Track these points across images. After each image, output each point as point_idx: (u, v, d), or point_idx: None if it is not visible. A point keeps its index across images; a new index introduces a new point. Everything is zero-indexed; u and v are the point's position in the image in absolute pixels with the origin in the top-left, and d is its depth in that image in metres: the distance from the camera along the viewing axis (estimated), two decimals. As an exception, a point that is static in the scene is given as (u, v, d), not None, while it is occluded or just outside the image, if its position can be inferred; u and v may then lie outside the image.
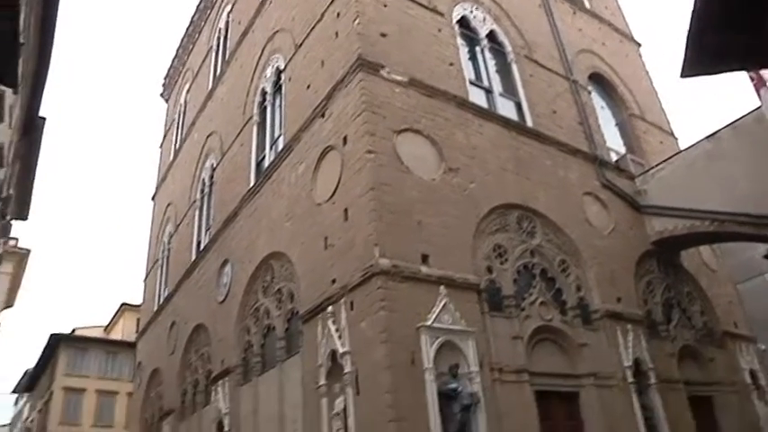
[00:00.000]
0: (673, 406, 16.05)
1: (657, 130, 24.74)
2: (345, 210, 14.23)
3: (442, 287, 13.02)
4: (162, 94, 39.18)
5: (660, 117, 25.66)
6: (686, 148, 19.96)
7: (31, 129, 27.99)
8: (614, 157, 21.03)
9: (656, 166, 20.38)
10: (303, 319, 15.17)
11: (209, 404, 20.48)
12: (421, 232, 13.62)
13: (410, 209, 13.73)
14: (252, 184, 20.64)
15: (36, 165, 31.75)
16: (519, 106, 18.99)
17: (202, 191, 27.14)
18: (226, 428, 18.46)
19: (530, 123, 18.52)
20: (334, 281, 14.07)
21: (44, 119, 28.48)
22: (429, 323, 12.44)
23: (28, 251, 46.62)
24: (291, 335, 16.31)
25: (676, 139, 25.24)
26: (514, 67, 19.85)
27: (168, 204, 32.32)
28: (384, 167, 13.88)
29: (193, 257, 25.74)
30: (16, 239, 41.97)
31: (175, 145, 33.84)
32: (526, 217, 16.21)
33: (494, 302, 14.21)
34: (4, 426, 68.40)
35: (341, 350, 13.03)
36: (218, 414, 19.06)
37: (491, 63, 19.53)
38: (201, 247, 25.13)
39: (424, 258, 13.33)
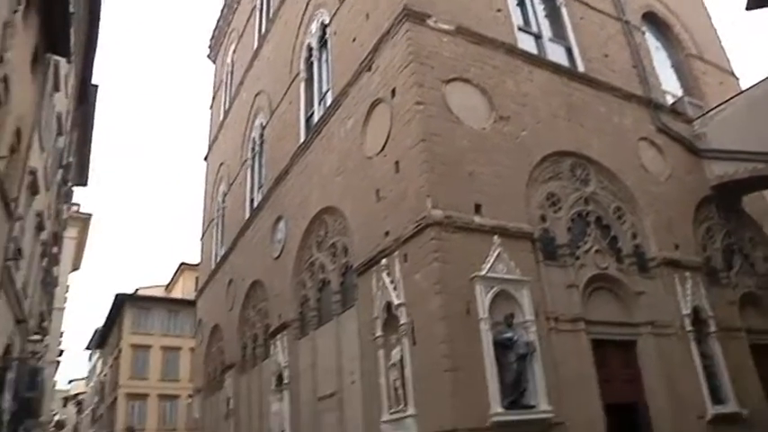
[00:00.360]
0: (733, 354, 15.76)
1: (717, 70, 23.76)
2: (396, 162, 14.20)
3: (495, 237, 12.96)
4: (209, 56, 39.39)
5: (720, 56, 24.62)
6: (748, 88, 19.15)
7: (85, 96, 28.67)
8: (670, 101, 20.36)
9: (716, 107, 19.63)
10: (358, 272, 15.34)
11: (268, 358, 21.05)
12: (473, 182, 13.53)
13: (461, 159, 13.62)
14: (302, 141, 20.73)
15: (92, 131, 32.62)
16: (569, 51, 18.46)
17: (253, 150, 27.43)
18: (285, 381, 18.98)
19: (581, 68, 18.01)
20: (387, 233, 14.14)
21: (96, 86, 29.19)
22: (483, 273, 12.44)
23: (89, 216, 48.34)
24: (346, 288, 16.54)
25: (737, 78, 24.23)
26: (564, 11, 19.23)
27: (221, 164, 32.79)
28: (434, 118, 13.76)
29: (247, 215, 26.17)
30: (78, 205, 43.44)
31: (225, 105, 34.14)
32: (579, 164, 15.91)
33: (548, 251, 14.10)
34: (82, 379, 72.02)
35: (396, 302, 13.16)
36: (278, 367, 19.58)
37: (539, 8, 18.97)
38: (255, 204, 25.52)
39: (477, 208, 13.27)
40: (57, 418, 56.73)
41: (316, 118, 20.31)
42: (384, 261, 13.89)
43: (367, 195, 15.30)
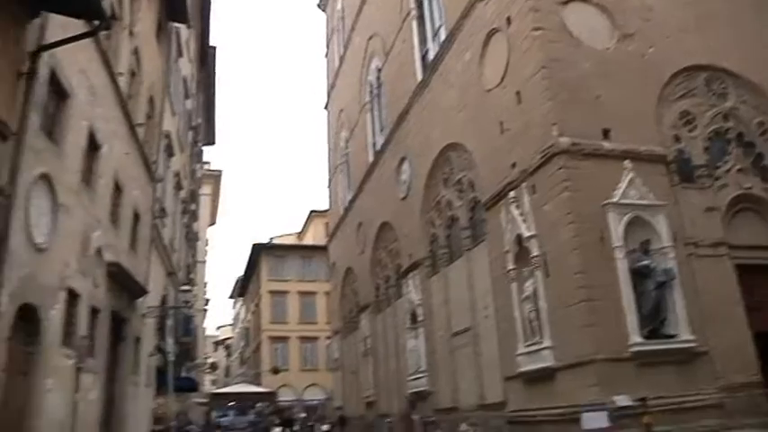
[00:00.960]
0: None
1: None
2: (518, 92, 13.87)
3: (626, 161, 12.47)
4: (319, 5, 39.60)
5: None
6: None
7: (206, 59, 29.96)
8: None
9: None
10: (486, 206, 15.28)
11: (401, 297, 21.59)
12: (599, 106, 12.99)
13: (585, 83, 13.08)
14: (420, 79, 20.63)
15: (215, 92, 34.10)
16: (699, -44, 16.99)
17: (371, 93, 27.62)
18: (419, 318, 19.44)
19: (714, -26, 16.56)
20: (513, 165, 13.95)
21: (215, 48, 30.40)
22: (615, 200, 12.05)
23: (220, 172, 50.86)
24: (475, 223, 16.54)
25: None
26: None
27: (340, 111, 33.29)
28: (553, 43, 13.26)
29: (371, 159, 26.57)
30: (208, 163, 45.72)
31: (339, 53, 34.41)
32: (716, 78, 14.77)
33: (684, 173, 13.38)
34: (228, 325, 77.24)
35: (526, 234, 13.05)
36: (411, 305, 20.04)
37: None
38: (377, 147, 25.83)
39: (605, 133, 12.78)
40: (210, 360, 61.18)
41: (431, 55, 20.09)
42: (512, 194, 13.74)
43: (490, 128, 15.08)
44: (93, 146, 11.60)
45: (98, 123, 11.70)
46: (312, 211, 55.57)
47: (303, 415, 36.95)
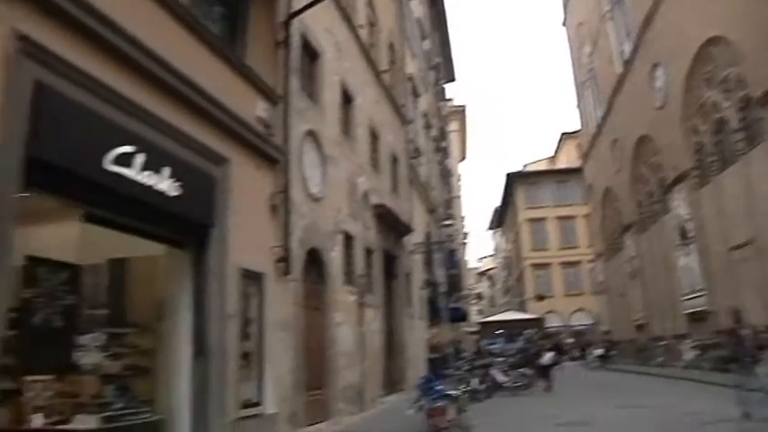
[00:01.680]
0: None
1: None
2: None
3: None
4: None
5: None
6: None
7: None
8: None
9: None
10: (761, 102, 13.56)
11: (667, 212, 20.30)
12: None
13: None
14: (667, -28, 18.71)
15: (447, 28, 34.24)
16: None
17: (611, 0, 25.81)
18: (690, 233, 18.15)
19: None
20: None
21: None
22: None
23: (463, 107, 51.35)
24: (750, 124, 14.75)
25: None
26: None
27: (579, 24, 31.60)
28: None
29: (619, 70, 24.93)
30: (451, 100, 46.38)
31: (571, -37, 32.54)
32: None
33: None
34: (488, 256, 79.21)
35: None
36: (680, 220, 18.74)
37: None
38: (625, 56, 24.13)
39: None
40: (475, 291, 63.29)
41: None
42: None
43: (761, 11, 13.15)
44: (346, 99, 12.49)
45: (348, 77, 12.53)
46: (563, 134, 54.05)
47: (571, 340, 36.79)
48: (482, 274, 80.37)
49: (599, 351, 27.93)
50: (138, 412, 6.18)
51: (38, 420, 5.53)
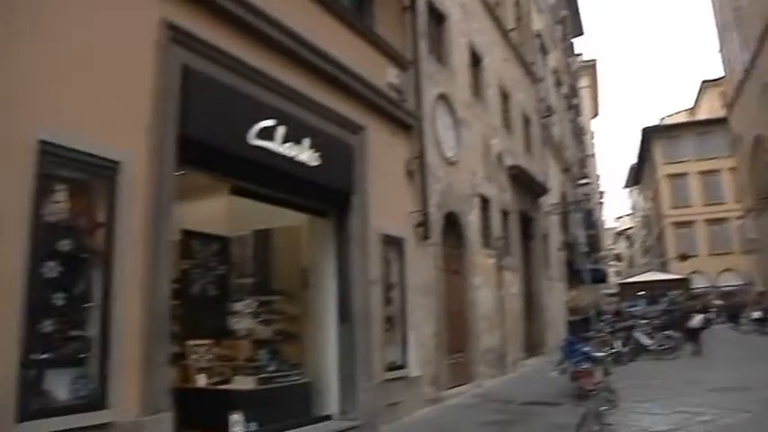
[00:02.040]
0: None
1: None
2: None
3: None
4: None
5: None
6: None
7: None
8: None
9: None
10: None
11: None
12: None
13: None
14: None
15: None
16: None
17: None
18: None
19: None
20: None
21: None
22: None
23: (594, 62, 49.11)
24: None
25: None
26: None
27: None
28: None
29: (769, 10, 22.89)
30: (580, 55, 44.47)
31: None
32: None
33: None
34: (626, 216, 76.29)
35: None
36: None
37: None
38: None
39: None
40: (613, 252, 61.13)
41: None
42: None
43: None
44: (475, 60, 12.25)
45: (475, 38, 12.28)
46: (704, 82, 50.33)
47: (719, 302, 34.67)
48: (620, 233, 77.57)
49: (757, 314, 26.13)
50: (290, 375, 6.52)
51: (201, 380, 6.02)
